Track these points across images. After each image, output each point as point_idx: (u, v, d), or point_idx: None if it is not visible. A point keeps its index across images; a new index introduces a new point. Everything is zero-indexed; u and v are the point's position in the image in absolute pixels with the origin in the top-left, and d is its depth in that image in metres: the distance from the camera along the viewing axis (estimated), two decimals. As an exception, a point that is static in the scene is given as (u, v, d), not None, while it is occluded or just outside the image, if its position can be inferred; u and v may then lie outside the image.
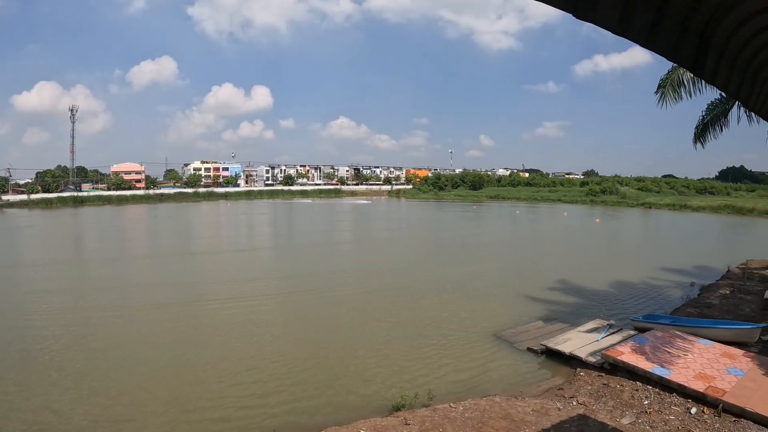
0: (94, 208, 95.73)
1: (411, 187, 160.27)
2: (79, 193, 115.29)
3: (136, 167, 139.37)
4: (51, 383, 13.04)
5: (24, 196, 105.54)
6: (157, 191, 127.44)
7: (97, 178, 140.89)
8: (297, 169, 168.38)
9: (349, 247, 44.01)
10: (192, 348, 15.86)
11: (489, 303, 21.66)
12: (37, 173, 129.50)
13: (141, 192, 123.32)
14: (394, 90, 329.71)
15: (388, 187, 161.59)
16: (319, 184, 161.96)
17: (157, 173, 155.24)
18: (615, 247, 44.02)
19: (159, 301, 21.57)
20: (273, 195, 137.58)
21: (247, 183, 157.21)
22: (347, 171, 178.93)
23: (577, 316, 18.88)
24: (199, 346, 16.08)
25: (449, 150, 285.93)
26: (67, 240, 48.99)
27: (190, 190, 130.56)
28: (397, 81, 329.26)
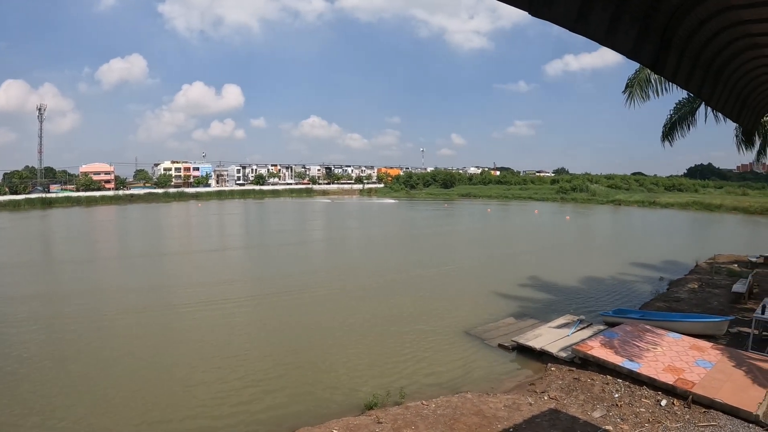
0: (62, 210, 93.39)
1: (383, 186, 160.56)
2: (48, 195, 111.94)
3: (106, 167, 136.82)
4: (18, 394, 12.69)
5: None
6: (127, 192, 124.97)
7: (65, 179, 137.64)
8: (268, 169, 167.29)
9: (321, 246, 43.90)
10: (164, 353, 15.53)
11: (460, 301, 21.78)
12: (5, 174, 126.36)
13: (110, 193, 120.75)
14: (365, 89, 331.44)
15: (360, 186, 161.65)
16: (291, 184, 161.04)
17: (127, 174, 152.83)
18: (585, 244, 44.70)
19: (130, 306, 21.00)
20: (244, 195, 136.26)
21: (218, 183, 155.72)
22: (319, 170, 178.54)
23: (547, 312, 19.10)
24: (171, 351, 15.75)
25: (421, 149, 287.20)
26: (35, 242, 47.87)
27: (161, 191, 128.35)
28: (368, 80, 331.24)
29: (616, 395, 11.44)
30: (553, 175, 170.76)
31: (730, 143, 19.21)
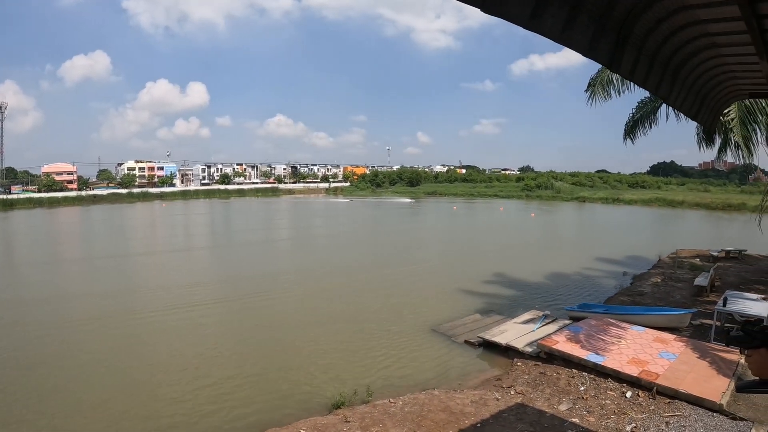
0: (24, 212, 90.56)
1: (349, 184, 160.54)
2: (9, 196, 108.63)
3: (68, 167, 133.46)
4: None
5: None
6: (90, 192, 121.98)
7: (27, 179, 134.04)
8: (234, 168, 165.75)
9: (287, 246, 43.57)
10: (130, 360, 15.16)
11: (426, 298, 22.01)
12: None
13: (73, 194, 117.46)
14: (332, 87, 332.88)
15: (326, 185, 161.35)
16: (257, 183, 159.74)
17: (90, 174, 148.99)
18: (550, 241, 45.38)
19: (95, 311, 20.36)
20: (209, 194, 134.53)
21: (183, 183, 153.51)
22: (285, 169, 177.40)
23: (513, 308, 19.45)
24: (136, 357, 15.39)
25: (387, 147, 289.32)
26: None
27: (124, 191, 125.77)
28: (335, 78, 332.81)
29: (582, 388, 11.68)
30: (518, 173, 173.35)
31: (692, 141, 19.69)
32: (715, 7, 2.83)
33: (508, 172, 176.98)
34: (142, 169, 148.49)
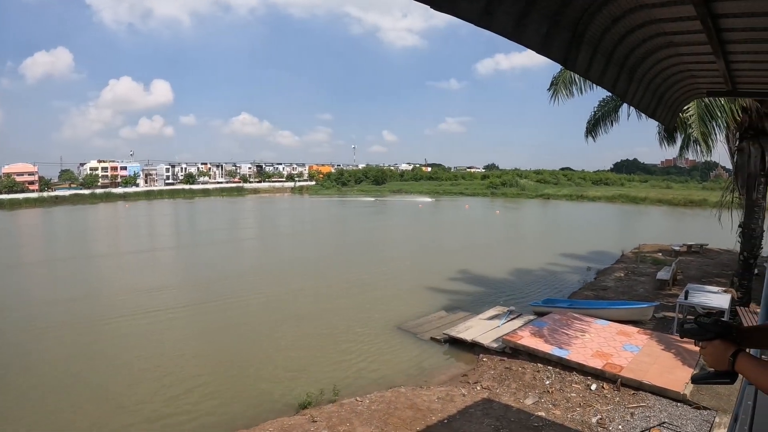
0: None
1: (314, 183, 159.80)
2: None
3: (29, 168, 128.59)
4: None
5: None
6: (52, 194, 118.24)
7: None
8: (198, 168, 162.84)
9: (252, 247, 43.03)
10: (94, 367, 14.84)
11: (392, 296, 22.17)
12: None
13: (35, 195, 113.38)
14: (297, 86, 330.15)
15: (292, 184, 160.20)
16: (222, 183, 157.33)
17: (52, 174, 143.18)
18: (514, 237, 45.99)
19: (58, 318, 19.78)
20: (173, 194, 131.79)
21: (146, 182, 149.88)
22: (250, 168, 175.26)
23: (478, 305, 19.71)
24: (102, 364, 15.06)
25: (352, 146, 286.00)
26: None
27: (87, 192, 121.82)
28: (300, 76, 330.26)
29: (547, 382, 11.91)
30: (483, 170, 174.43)
31: (654, 140, 20.12)
32: (671, 7, 2.89)
33: (473, 170, 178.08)
34: (104, 169, 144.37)
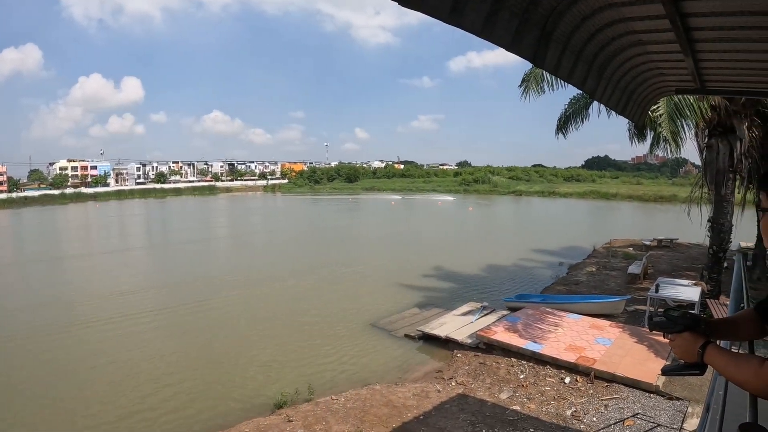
0: None
1: (287, 181, 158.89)
2: None
3: None
4: None
5: None
6: (21, 194, 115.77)
7: None
8: (170, 166, 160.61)
9: (225, 246, 42.77)
10: (63, 374, 14.54)
11: (365, 294, 22.25)
12: None
13: (3, 196, 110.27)
14: (269, 83, 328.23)
15: (264, 183, 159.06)
16: (193, 182, 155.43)
17: (21, 174, 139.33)
18: (487, 233, 46.28)
19: (25, 325, 19.25)
20: (145, 194, 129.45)
21: (117, 182, 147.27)
22: (222, 167, 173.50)
23: (451, 301, 19.86)
24: (71, 371, 14.76)
25: (325, 143, 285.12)
26: None
27: (57, 192, 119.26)
28: (272, 74, 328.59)
29: (522, 376, 12.12)
30: (456, 168, 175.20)
31: (625, 137, 20.53)
32: (640, 5, 2.93)
33: (446, 167, 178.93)
34: (74, 168, 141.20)
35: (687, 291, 15.60)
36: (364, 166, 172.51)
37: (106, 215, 76.19)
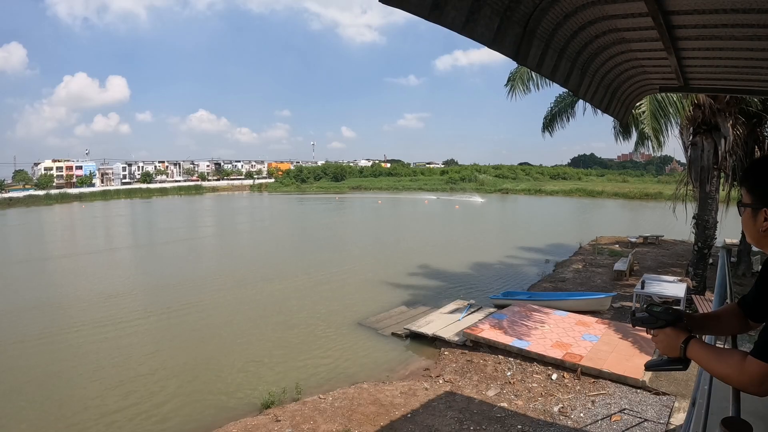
0: None
1: (273, 180, 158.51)
2: None
3: None
4: None
5: None
6: (5, 195, 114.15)
7: None
8: (155, 166, 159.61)
9: (212, 246, 42.57)
10: (51, 377, 14.39)
11: (352, 293, 22.29)
12: None
13: None
14: (255, 82, 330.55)
15: (251, 182, 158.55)
16: (180, 181, 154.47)
17: (5, 175, 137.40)
18: (473, 232, 46.39)
19: (11, 332, 19.02)
20: (131, 194, 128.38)
21: (102, 182, 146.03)
22: (208, 166, 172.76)
23: (438, 299, 19.97)
24: (60, 370, 14.74)
25: (311, 142, 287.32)
26: None
27: (42, 193, 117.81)
28: (259, 73, 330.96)
29: (509, 373, 12.21)
30: (442, 166, 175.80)
31: (610, 135, 20.77)
32: (623, 3, 2.95)
33: (432, 166, 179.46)
34: (59, 168, 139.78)
35: (672, 287, 15.79)
36: (351, 164, 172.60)
37: (92, 216, 75.35)
